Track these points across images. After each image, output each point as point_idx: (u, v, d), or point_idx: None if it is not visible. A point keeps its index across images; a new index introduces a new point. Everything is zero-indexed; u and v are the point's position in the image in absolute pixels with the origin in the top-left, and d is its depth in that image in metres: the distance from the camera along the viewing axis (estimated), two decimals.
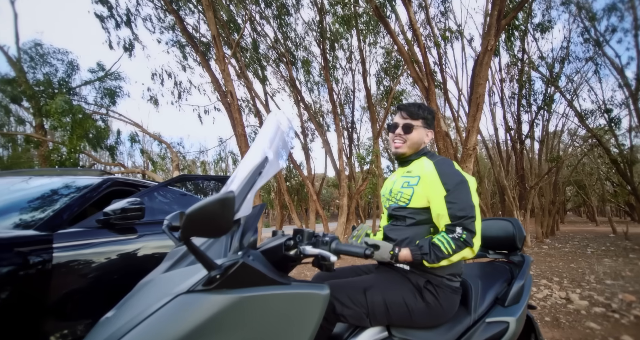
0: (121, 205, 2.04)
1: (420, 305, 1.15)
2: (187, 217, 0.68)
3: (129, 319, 0.79)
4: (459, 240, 1.14)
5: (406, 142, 1.41)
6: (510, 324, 1.26)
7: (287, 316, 0.84)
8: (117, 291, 2.06)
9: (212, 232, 0.73)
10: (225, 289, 0.79)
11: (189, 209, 0.69)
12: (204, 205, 0.69)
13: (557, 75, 11.83)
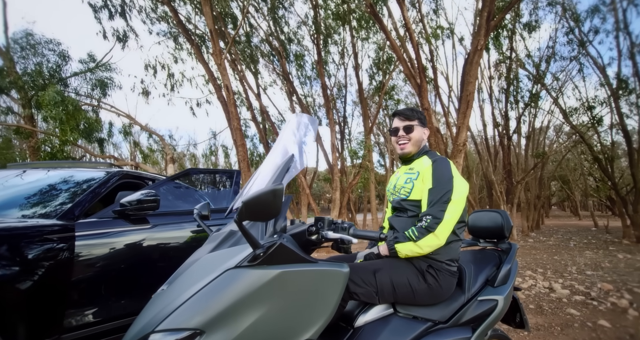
0: (137, 196, 2.14)
1: (422, 286, 1.31)
2: (244, 204, 0.82)
3: (183, 291, 0.92)
4: (421, 228, 1.29)
5: (410, 141, 1.55)
6: (498, 302, 1.44)
7: (315, 288, 0.98)
8: (132, 276, 2.18)
9: (264, 217, 0.86)
10: (266, 265, 0.93)
11: (245, 197, 0.82)
12: (259, 194, 0.82)
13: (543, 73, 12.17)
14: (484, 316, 1.39)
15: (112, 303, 2.07)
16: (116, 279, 2.10)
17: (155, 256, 2.28)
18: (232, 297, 0.88)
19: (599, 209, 33.21)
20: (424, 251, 1.29)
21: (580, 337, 2.91)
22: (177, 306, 0.89)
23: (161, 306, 0.93)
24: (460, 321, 1.35)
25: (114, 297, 2.09)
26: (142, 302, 2.13)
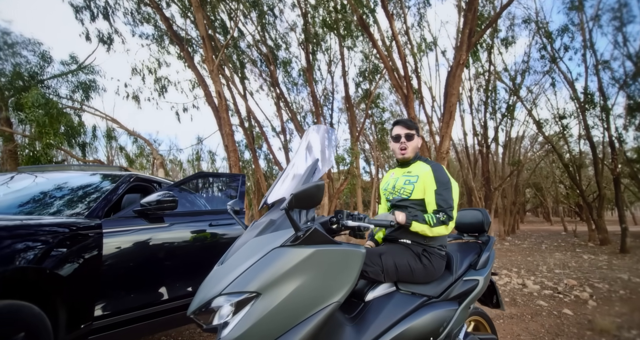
0: (156, 197, 2.34)
1: (419, 266, 1.59)
2: (294, 196, 1.08)
3: (239, 265, 1.17)
4: (439, 219, 1.59)
5: (409, 147, 1.84)
6: (479, 281, 1.75)
7: (341, 264, 1.24)
8: (152, 269, 2.37)
9: (308, 205, 1.13)
10: (304, 245, 1.18)
11: (295, 190, 1.09)
12: (307, 188, 1.08)
13: (518, 86, 12.97)
14: (467, 293, 1.70)
15: (134, 293, 2.26)
16: (138, 271, 2.29)
17: (171, 251, 2.48)
18: (280, 268, 1.14)
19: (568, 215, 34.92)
20: (432, 234, 1.59)
21: (547, 323, 3.28)
22: (237, 276, 1.13)
23: (221, 277, 1.17)
24: (449, 296, 1.65)
25: (136, 288, 2.27)
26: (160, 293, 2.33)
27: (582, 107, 10.68)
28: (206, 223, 2.71)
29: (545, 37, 10.94)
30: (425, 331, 1.49)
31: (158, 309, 2.33)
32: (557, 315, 3.56)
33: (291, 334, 1.12)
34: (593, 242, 11.63)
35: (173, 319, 2.43)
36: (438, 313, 1.55)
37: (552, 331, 3.08)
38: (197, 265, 2.59)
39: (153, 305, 2.31)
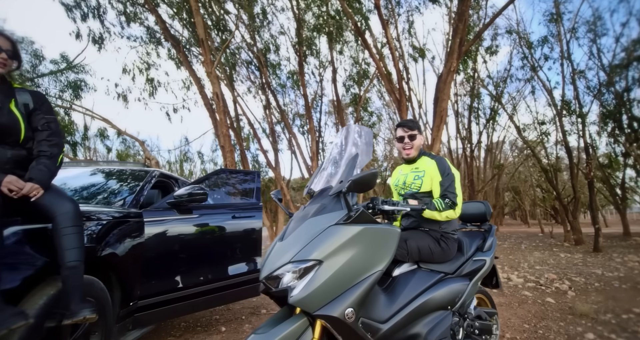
0: (187, 190, 2.52)
1: (437, 248, 1.85)
2: (354, 181, 1.32)
3: (300, 240, 1.39)
4: (447, 204, 1.86)
5: (413, 147, 2.09)
6: (486, 261, 2.03)
7: (382, 239, 1.48)
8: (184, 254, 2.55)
9: (364, 189, 1.37)
10: (354, 223, 1.42)
11: (354, 177, 1.33)
12: (365, 175, 1.32)
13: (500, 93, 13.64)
14: (477, 270, 1.98)
15: (170, 277, 2.44)
16: (172, 257, 2.47)
17: (201, 239, 2.67)
18: (336, 241, 1.37)
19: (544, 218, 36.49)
20: (441, 218, 1.84)
21: (532, 309, 3.62)
22: (302, 247, 1.36)
23: (287, 249, 1.39)
24: (462, 274, 1.92)
25: (171, 272, 2.45)
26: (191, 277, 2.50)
27: (560, 114, 11.37)
28: (229, 215, 2.91)
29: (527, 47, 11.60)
30: (444, 301, 1.76)
31: (190, 291, 2.51)
32: (541, 303, 3.92)
33: (346, 295, 1.35)
34: (568, 242, 12.32)
35: (204, 301, 2.62)
36: (453, 286, 1.82)
37: (538, 316, 3.41)
38: (223, 252, 2.79)
39: (185, 288, 2.49)
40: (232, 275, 2.79)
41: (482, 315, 2.01)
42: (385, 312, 1.56)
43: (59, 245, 1.50)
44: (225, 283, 2.73)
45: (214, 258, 2.72)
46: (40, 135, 1.69)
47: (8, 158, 1.58)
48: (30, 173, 1.58)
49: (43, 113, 1.72)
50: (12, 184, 1.47)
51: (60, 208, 1.54)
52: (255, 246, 3.01)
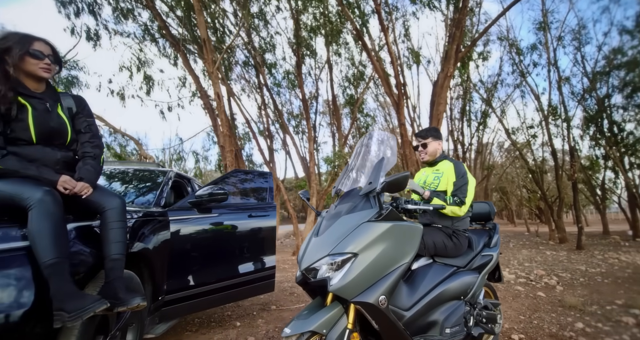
0: (208, 190, 2.65)
1: (450, 244, 2.04)
2: (387, 183, 1.49)
3: (336, 236, 1.55)
4: (455, 201, 2.06)
5: (427, 153, 2.33)
6: (493, 256, 2.24)
7: (408, 236, 1.65)
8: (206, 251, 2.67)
9: (395, 190, 1.54)
10: (384, 220, 1.59)
11: (388, 178, 1.50)
12: (398, 177, 1.50)
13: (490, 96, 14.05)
14: (485, 264, 2.18)
15: (192, 273, 2.57)
16: (195, 254, 2.60)
17: (221, 237, 2.81)
18: (369, 236, 1.54)
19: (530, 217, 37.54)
20: (446, 211, 2.04)
21: (526, 303, 3.87)
22: (339, 242, 1.52)
23: (324, 244, 1.55)
24: (472, 267, 2.12)
25: (194, 268, 2.58)
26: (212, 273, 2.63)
27: (546, 118, 11.82)
28: (246, 214, 3.04)
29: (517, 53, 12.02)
30: (457, 292, 1.95)
31: (210, 287, 2.64)
32: (533, 297, 4.18)
33: (379, 284, 1.52)
34: (553, 241, 12.81)
35: (222, 297, 2.75)
36: (465, 279, 2.01)
37: (531, 308, 3.66)
38: (240, 250, 2.92)
39: (206, 284, 2.62)
40: (249, 272, 2.93)
41: (488, 306, 2.21)
42: (408, 301, 1.74)
43: (106, 238, 1.62)
44: (242, 279, 2.87)
45: (232, 255, 2.86)
46: (83, 137, 1.80)
47: (58, 159, 1.69)
48: (80, 173, 1.69)
49: (85, 116, 1.84)
50: (66, 183, 1.59)
51: (110, 203, 1.67)
52: (270, 244, 3.16)
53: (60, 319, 1.28)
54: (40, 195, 1.42)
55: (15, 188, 1.46)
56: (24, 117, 1.59)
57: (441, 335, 1.79)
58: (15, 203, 1.43)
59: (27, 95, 1.64)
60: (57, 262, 1.34)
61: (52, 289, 1.32)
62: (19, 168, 1.53)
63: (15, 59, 1.58)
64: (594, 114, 12.50)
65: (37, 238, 1.35)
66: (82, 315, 1.30)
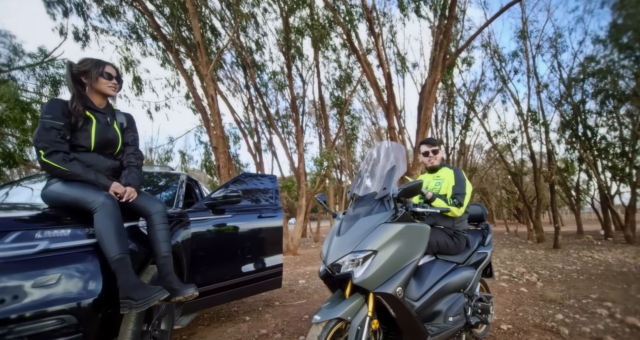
0: (222, 193, 2.80)
1: (452, 243, 2.28)
2: (404, 189, 1.70)
3: (355, 236, 1.75)
4: (454, 203, 2.30)
5: (436, 159, 2.56)
6: (487, 254, 2.50)
7: (418, 235, 1.86)
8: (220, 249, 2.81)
9: (410, 196, 1.75)
10: (399, 222, 1.80)
11: (404, 185, 1.71)
12: (413, 184, 1.71)
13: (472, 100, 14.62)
14: (481, 261, 2.44)
15: (210, 269, 2.72)
16: (212, 252, 2.75)
17: (235, 236, 2.96)
18: (387, 236, 1.74)
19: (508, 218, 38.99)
20: (452, 211, 2.26)
21: (510, 297, 4.19)
22: (360, 241, 1.72)
23: (347, 242, 1.75)
24: (470, 263, 2.37)
25: (210, 264, 2.73)
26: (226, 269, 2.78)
27: (525, 123, 12.43)
28: (255, 215, 3.20)
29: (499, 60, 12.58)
30: (458, 285, 2.19)
31: (225, 283, 2.80)
32: (517, 292, 4.50)
33: (396, 277, 1.73)
34: (531, 240, 13.44)
35: (235, 293, 2.91)
36: (464, 274, 2.26)
37: (516, 302, 3.97)
38: (251, 248, 3.08)
39: (221, 280, 2.78)
40: (259, 269, 3.09)
41: (482, 298, 2.46)
42: (417, 293, 1.96)
43: (155, 238, 1.79)
44: (253, 276, 3.03)
45: (244, 254, 3.01)
46: (129, 149, 2.05)
47: (108, 166, 1.91)
48: (126, 179, 1.88)
49: (132, 131, 2.10)
50: (117, 188, 1.78)
51: (154, 208, 1.83)
52: (277, 243, 3.32)
53: (128, 306, 1.44)
54: (103, 199, 1.59)
55: (79, 192, 1.64)
56: (88, 128, 1.83)
57: (445, 323, 2.02)
58: (80, 205, 1.60)
59: (94, 109, 1.89)
60: (122, 257, 1.51)
61: (120, 280, 1.48)
62: (81, 172, 1.72)
63: (92, 80, 1.87)
64: (569, 119, 13.20)
65: (103, 236, 1.51)
66: (149, 302, 1.47)
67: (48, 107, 1.77)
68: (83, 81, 1.90)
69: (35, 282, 1.32)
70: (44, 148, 1.69)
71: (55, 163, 1.68)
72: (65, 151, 1.74)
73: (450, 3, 6.42)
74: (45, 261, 1.39)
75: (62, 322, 1.33)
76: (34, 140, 1.75)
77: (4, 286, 1.26)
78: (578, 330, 2.89)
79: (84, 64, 1.88)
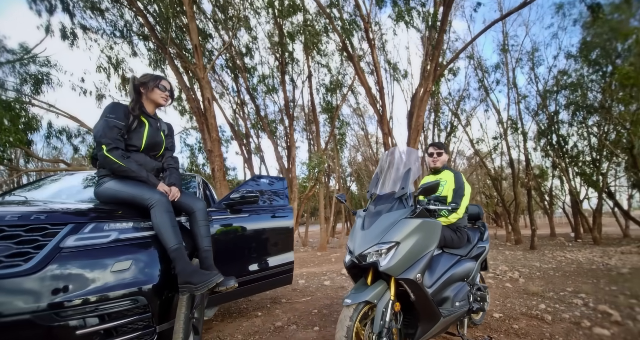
0: (239, 194, 2.99)
1: (456, 237, 2.56)
2: (424, 188, 1.97)
3: (381, 229, 1.99)
4: (454, 209, 2.58)
5: (439, 161, 2.85)
6: (486, 248, 2.81)
7: (433, 229, 2.13)
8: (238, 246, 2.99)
9: (429, 194, 2.02)
10: (417, 217, 2.06)
11: (423, 184, 1.98)
12: (432, 184, 1.98)
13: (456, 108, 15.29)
14: (480, 254, 2.74)
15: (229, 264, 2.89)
16: (230, 248, 2.92)
17: (251, 234, 3.14)
18: (407, 229, 2.00)
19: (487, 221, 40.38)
20: (449, 218, 2.55)
21: (497, 292, 4.55)
22: (385, 234, 1.97)
23: (372, 235, 1.99)
24: (471, 256, 2.67)
25: (230, 260, 2.91)
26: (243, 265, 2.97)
27: (505, 131, 13.14)
28: (269, 215, 3.40)
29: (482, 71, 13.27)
30: (462, 275, 2.48)
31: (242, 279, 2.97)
32: (502, 287, 4.88)
33: (416, 265, 2.00)
34: (510, 242, 14.13)
35: (251, 288, 3.09)
36: (467, 265, 2.55)
37: (503, 295, 4.33)
38: (265, 246, 3.28)
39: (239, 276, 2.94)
40: (273, 266, 3.28)
41: (481, 288, 2.77)
42: (429, 281, 2.23)
43: (198, 233, 1.97)
44: (268, 272, 3.22)
45: (260, 251, 3.20)
46: (168, 153, 2.28)
47: (153, 167, 2.11)
48: (170, 179, 2.08)
49: (172, 138, 2.34)
50: (162, 187, 1.95)
51: (197, 205, 2.02)
52: (289, 241, 3.52)
53: (188, 290, 1.63)
54: (159, 196, 1.77)
55: (136, 190, 1.81)
56: (141, 130, 2.03)
57: (452, 307, 2.30)
58: (136, 202, 1.77)
59: (147, 115, 2.12)
60: (179, 247, 1.69)
61: (178, 268, 1.67)
62: (135, 170, 1.90)
63: (148, 90, 2.10)
64: (545, 128, 14.04)
65: (162, 229, 1.69)
66: (207, 285, 1.67)
67: (112, 108, 1.97)
68: (141, 91, 2.12)
69: (113, 268, 1.50)
70: (107, 144, 1.86)
71: (115, 158, 1.86)
72: (123, 149, 1.93)
73: (442, 17, 6.86)
74: (118, 250, 1.57)
75: (135, 302, 1.51)
76: (96, 135, 1.90)
77: (88, 270, 1.44)
78: (559, 317, 3.25)
79: (144, 77, 2.14)
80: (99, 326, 1.37)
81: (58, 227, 1.47)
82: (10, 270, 1.28)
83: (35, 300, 1.26)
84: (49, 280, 1.32)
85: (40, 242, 1.40)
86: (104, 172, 1.97)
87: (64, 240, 1.44)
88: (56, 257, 1.37)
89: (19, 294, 1.25)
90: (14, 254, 1.33)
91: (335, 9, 9.46)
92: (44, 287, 1.29)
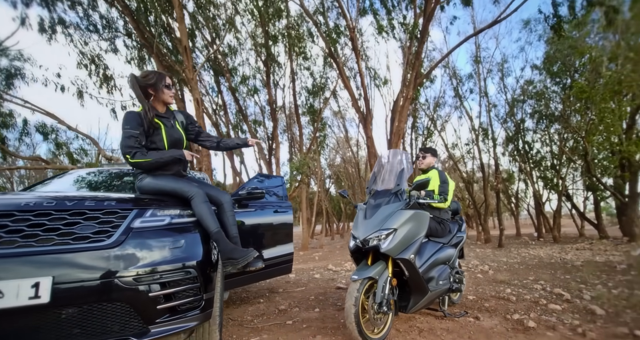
0: (247, 190, 3.31)
1: (439, 228, 3.02)
2: (418, 184, 2.39)
3: (381, 218, 2.40)
4: (441, 198, 3.05)
5: (423, 163, 3.32)
6: (463, 237, 3.30)
7: (423, 219, 2.55)
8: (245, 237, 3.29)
9: (421, 189, 2.45)
10: (411, 209, 2.49)
11: (416, 181, 2.40)
12: (423, 180, 2.41)
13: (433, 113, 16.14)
14: (459, 243, 3.22)
15: None
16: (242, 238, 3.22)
17: (258, 227, 3.46)
18: (403, 218, 2.42)
19: None
20: (436, 205, 3.00)
21: (470, 281, 5.10)
22: (385, 222, 2.37)
23: (374, 223, 2.39)
24: (452, 244, 3.13)
25: None
26: None
27: (477, 137, 14.05)
28: (272, 210, 3.73)
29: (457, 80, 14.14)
30: (444, 259, 2.94)
31: None
32: (475, 278, 5.45)
33: (410, 247, 2.42)
34: (480, 241, 15.08)
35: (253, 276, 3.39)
36: (449, 251, 3.01)
37: (475, 283, 4.88)
38: (269, 238, 3.60)
39: None
40: (276, 257, 3.61)
41: (459, 271, 3.24)
42: (419, 262, 2.67)
43: (227, 222, 2.28)
44: (271, 262, 3.54)
45: (264, 243, 3.52)
46: (203, 135, 2.57)
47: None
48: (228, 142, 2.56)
49: (193, 124, 2.54)
50: (187, 153, 2.28)
51: (224, 198, 2.33)
52: (289, 234, 3.86)
53: (230, 264, 1.95)
54: (197, 189, 2.09)
55: (175, 185, 2.12)
56: (159, 132, 2.25)
57: (437, 285, 2.75)
58: (177, 194, 2.08)
59: (160, 116, 2.30)
60: (219, 230, 2.02)
61: (221, 247, 1.98)
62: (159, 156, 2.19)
63: (158, 91, 2.26)
64: (512, 135, 15.12)
65: (203, 216, 2.01)
66: (246, 259, 1.99)
67: (125, 120, 2.14)
68: (150, 92, 2.24)
69: (171, 245, 1.80)
70: (129, 153, 2.09)
71: (139, 160, 2.11)
72: (142, 147, 2.15)
73: (422, 30, 7.44)
74: (172, 231, 1.88)
75: (188, 273, 1.82)
76: (120, 149, 2.13)
77: (153, 246, 1.74)
78: (522, 298, 3.79)
79: (150, 78, 2.20)
80: (163, 291, 1.68)
81: (126, 212, 1.76)
82: (98, 243, 1.57)
83: (118, 267, 1.56)
84: (127, 252, 1.61)
85: (115, 223, 1.69)
86: (139, 170, 2.24)
87: (133, 222, 1.73)
88: (130, 235, 1.67)
89: (106, 261, 1.54)
90: (98, 232, 1.62)
91: (320, 15, 9.91)
92: (124, 258, 1.59)
